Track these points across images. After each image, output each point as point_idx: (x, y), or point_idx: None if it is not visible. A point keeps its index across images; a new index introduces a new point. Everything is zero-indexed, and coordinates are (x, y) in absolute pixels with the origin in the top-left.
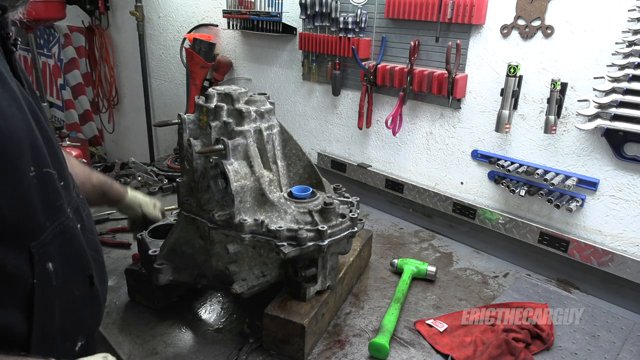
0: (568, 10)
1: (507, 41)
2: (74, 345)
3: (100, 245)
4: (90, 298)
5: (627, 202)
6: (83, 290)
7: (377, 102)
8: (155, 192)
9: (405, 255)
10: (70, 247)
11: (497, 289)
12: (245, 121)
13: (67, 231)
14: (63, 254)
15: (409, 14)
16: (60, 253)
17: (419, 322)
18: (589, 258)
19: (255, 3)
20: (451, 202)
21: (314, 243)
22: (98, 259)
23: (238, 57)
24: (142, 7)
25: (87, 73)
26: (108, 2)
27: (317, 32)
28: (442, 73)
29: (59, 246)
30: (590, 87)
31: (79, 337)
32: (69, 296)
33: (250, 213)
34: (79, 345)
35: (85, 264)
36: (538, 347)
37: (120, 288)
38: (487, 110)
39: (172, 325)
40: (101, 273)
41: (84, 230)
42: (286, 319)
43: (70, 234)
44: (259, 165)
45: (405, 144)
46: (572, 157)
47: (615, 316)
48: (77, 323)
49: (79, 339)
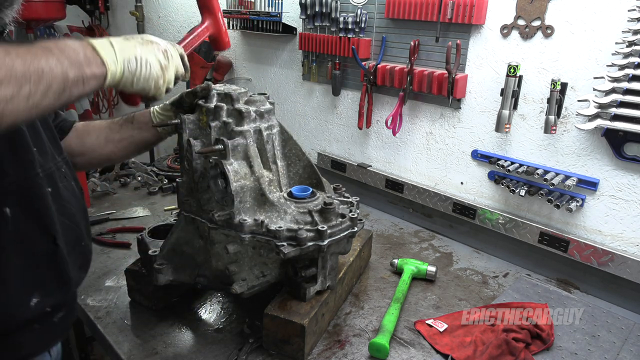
0: (568, 10)
1: (507, 41)
2: (29, 298)
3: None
4: (52, 257)
5: (627, 202)
6: (44, 247)
7: (377, 102)
8: (155, 192)
9: (405, 255)
10: (33, 202)
11: (497, 289)
12: (245, 121)
13: (33, 186)
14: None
15: (409, 14)
16: (22, 203)
17: (419, 322)
18: (589, 258)
19: (255, 3)
20: (451, 202)
21: (314, 243)
22: (72, 227)
23: (238, 57)
24: (142, 7)
25: None
26: (108, 2)
27: (317, 32)
28: (442, 73)
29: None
30: (590, 87)
31: (34, 294)
32: (27, 249)
33: (250, 213)
34: (34, 302)
35: (49, 223)
36: (538, 347)
37: (120, 288)
38: (487, 110)
39: (172, 325)
40: (75, 241)
41: (56, 196)
42: (286, 319)
43: (36, 190)
44: (258, 165)
45: (405, 144)
46: (572, 157)
47: (615, 316)
48: (34, 278)
49: (35, 295)
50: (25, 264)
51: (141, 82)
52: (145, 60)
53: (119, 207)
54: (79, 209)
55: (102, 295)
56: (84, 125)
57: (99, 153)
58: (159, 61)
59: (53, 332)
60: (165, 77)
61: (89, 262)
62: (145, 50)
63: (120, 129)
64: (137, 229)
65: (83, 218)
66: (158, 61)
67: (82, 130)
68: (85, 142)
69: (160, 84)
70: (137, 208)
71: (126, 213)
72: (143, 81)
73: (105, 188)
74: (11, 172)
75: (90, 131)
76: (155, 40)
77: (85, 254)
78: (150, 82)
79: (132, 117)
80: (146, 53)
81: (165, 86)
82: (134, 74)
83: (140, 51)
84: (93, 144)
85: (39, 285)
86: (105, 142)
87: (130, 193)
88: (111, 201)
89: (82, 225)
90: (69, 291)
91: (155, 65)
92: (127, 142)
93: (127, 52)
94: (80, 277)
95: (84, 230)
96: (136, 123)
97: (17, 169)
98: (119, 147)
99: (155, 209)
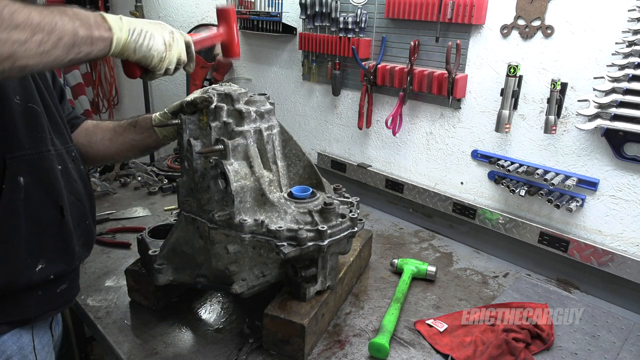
0: (568, 10)
1: (507, 41)
2: (35, 263)
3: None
4: (59, 228)
5: (627, 202)
6: (52, 217)
7: (377, 102)
8: (155, 192)
9: (405, 255)
10: (44, 175)
11: (497, 289)
12: (245, 121)
13: (44, 160)
14: (36, 177)
15: (409, 14)
16: (34, 174)
17: (419, 322)
18: (589, 258)
19: (255, 3)
20: (451, 202)
21: (314, 243)
22: (77, 205)
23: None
24: (142, 7)
25: (87, 73)
26: (108, 2)
27: (317, 32)
28: (442, 73)
29: (34, 168)
30: (590, 87)
31: (40, 260)
32: (37, 217)
33: (250, 213)
34: (39, 268)
35: (57, 195)
36: (538, 347)
37: (120, 288)
38: (487, 110)
39: (172, 325)
40: (80, 217)
41: (65, 174)
42: (286, 319)
43: (47, 164)
44: (259, 166)
45: (405, 144)
46: (572, 157)
47: (615, 316)
48: (41, 244)
49: (40, 262)
50: (34, 231)
51: (143, 50)
52: (150, 33)
53: (119, 207)
54: (86, 191)
55: (102, 295)
56: (93, 126)
57: (103, 152)
58: (163, 37)
59: (54, 302)
60: (167, 55)
61: (92, 241)
62: (152, 26)
63: (123, 132)
64: (137, 229)
65: (88, 200)
66: (162, 37)
67: (91, 130)
68: (91, 140)
69: (162, 57)
70: (137, 208)
71: (126, 213)
72: (145, 50)
73: (105, 188)
74: (26, 145)
75: (97, 131)
76: (164, 23)
77: (90, 233)
78: (152, 52)
79: (136, 122)
80: (152, 28)
81: (165, 64)
82: (136, 41)
83: (146, 25)
84: (98, 143)
85: (46, 252)
86: (109, 142)
87: (130, 193)
88: (111, 201)
89: (87, 206)
90: (72, 263)
91: (158, 39)
92: (129, 144)
93: (134, 24)
94: (83, 254)
95: (88, 211)
96: (138, 128)
97: (31, 143)
98: (121, 148)
99: (155, 209)
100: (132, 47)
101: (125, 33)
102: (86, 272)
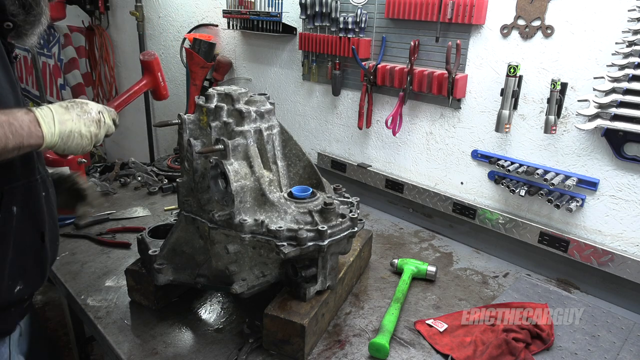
0: (568, 10)
1: (507, 41)
2: (14, 285)
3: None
4: (38, 254)
5: (627, 202)
6: (34, 242)
7: (377, 102)
8: (155, 192)
9: (405, 255)
10: (32, 203)
11: (497, 289)
12: (245, 121)
13: (34, 189)
14: (26, 205)
15: (409, 14)
16: (24, 203)
17: (419, 322)
18: (589, 258)
19: (255, 3)
20: (451, 202)
21: (314, 243)
22: (53, 228)
23: (238, 57)
24: (142, 7)
25: (87, 73)
26: (108, 2)
27: (317, 32)
28: (442, 73)
29: (25, 198)
30: (590, 87)
31: (19, 282)
32: (22, 242)
33: (250, 213)
34: (18, 289)
35: (41, 221)
36: (538, 347)
37: (120, 288)
38: (487, 110)
39: (172, 325)
40: (54, 239)
41: (47, 199)
42: (286, 319)
43: (35, 193)
44: (259, 166)
45: (405, 144)
46: (572, 157)
47: (615, 316)
48: (22, 269)
49: (19, 283)
50: (17, 255)
51: (71, 150)
52: (79, 133)
53: (119, 207)
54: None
55: (102, 295)
56: None
57: None
58: (90, 132)
59: (22, 315)
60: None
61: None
62: (81, 122)
63: None
64: (137, 229)
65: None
66: (89, 132)
67: None
68: None
69: (87, 150)
70: (137, 208)
71: (126, 213)
72: (73, 149)
73: (105, 188)
74: (20, 177)
75: None
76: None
77: (55, 253)
78: (78, 150)
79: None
80: (81, 126)
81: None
82: (66, 144)
83: (76, 125)
84: None
85: (25, 274)
86: None
87: (130, 193)
88: (111, 201)
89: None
90: (43, 282)
91: (86, 137)
92: None
93: (65, 126)
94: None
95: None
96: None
97: (24, 173)
98: None
99: (155, 209)
100: (61, 148)
101: (56, 138)
102: (86, 272)
